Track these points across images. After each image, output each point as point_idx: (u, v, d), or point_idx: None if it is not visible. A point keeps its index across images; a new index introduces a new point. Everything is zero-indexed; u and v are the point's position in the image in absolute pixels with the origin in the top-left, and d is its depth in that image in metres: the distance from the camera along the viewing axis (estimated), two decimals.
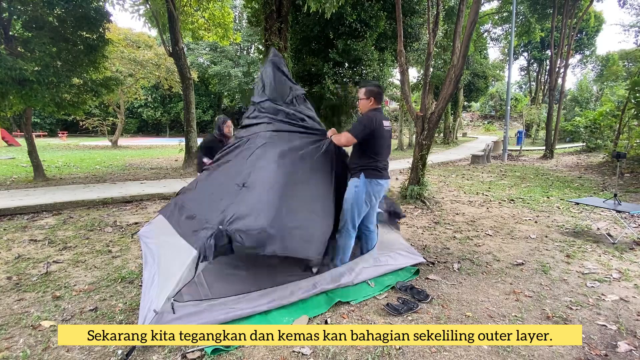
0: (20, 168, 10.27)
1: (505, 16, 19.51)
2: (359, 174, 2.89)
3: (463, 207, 6.16)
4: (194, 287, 2.36)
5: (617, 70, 23.60)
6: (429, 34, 6.93)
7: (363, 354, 2.10)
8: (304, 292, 2.70)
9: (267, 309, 2.51)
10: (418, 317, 2.54)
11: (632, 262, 3.64)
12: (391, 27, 11.00)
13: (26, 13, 7.05)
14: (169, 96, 30.95)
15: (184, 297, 2.29)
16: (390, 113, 40.43)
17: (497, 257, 3.75)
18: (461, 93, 23.90)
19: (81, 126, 22.89)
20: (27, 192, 6.56)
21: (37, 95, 6.81)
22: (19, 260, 3.53)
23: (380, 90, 2.97)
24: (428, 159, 6.53)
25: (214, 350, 2.10)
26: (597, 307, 2.71)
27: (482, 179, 9.38)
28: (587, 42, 27.71)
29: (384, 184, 2.95)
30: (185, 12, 11.19)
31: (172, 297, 2.24)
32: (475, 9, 5.48)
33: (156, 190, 6.80)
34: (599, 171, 10.52)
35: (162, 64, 18.57)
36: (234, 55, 29.97)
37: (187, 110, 10.35)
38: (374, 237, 3.22)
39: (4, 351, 2.10)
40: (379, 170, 2.92)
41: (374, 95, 2.92)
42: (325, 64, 9.69)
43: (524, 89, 42.09)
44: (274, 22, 7.03)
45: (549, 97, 15.75)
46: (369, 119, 2.85)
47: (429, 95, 17.63)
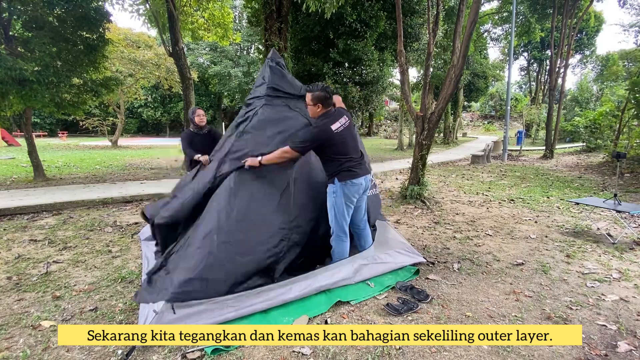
0: (20, 168, 10.27)
1: (505, 16, 19.51)
2: (333, 180, 2.85)
3: (463, 207, 6.16)
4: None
5: (617, 70, 23.60)
6: (429, 34, 6.93)
7: (363, 354, 2.10)
8: (303, 288, 2.69)
9: (267, 306, 2.51)
10: (418, 317, 2.54)
11: (632, 262, 3.64)
12: (391, 27, 11.00)
13: (26, 13, 7.04)
14: (169, 96, 30.96)
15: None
16: (390, 113, 40.54)
17: (497, 257, 3.75)
18: (461, 93, 23.90)
19: (81, 126, 22.90)
20: (27, 192, 6.56)
21: (37, 95, 6.81)
22: (19, 260, 3.53)
23: (326, 94, 2.78)
24: (428, 159, 6.53)
25: (214, 350, 2.10)
26: (597, 307, 2.71)
27: (482, 179, 9.38)
28: (587, 42, 27.73)
29: (360, 181, 2.87)
30: (185, 12, 11.18)
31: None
32: (475, 9, 5.48)
33: (156, 190, 6.80)
34: (599, 171, 10.52)
35: (162, 64, 18.57)
36: (234, 55, 29.97)
37: (187, 110, 10.36)
38: (367, 234, 3.21)
39: (4, 351, 2.10)
40: (352, 169, 2.84)
41: (320, 100, 2.77)
42: (325, 64, 9.70)
43: (524, 89, 42.11)
44: (274, 22, 7.03)
45: (549, 97, 15.75)
46: (318, 131, 2.74)
47: (429, 95, 17.65)
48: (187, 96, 10.29)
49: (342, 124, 2.83)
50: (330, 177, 2.89)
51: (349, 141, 2.87)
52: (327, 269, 2.89)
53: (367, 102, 11.01)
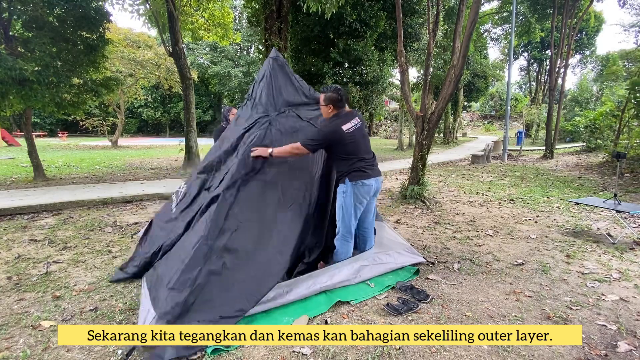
0: (20, 168, 10.27)
1: (505, 16, 19.51)
2: (344, 179, 2.85)
3: (463, 207, 6.16)
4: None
5: (617, 70, 23.59)
6: (429, 34, 6.93)
7: (363, 354, 2.10)
8: (304, 289, 2.69)
9: (268, 307, 2.51)
10: (418, 317, 2.54)
11: (632, 262, 3.64)
12: (391, 27, 10.99)
13: (26, 13, 7.04)
14: (169, 96, 30.96)
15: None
16: (390, 113, 40.51)
17: (497, 257, 3.75)
18: (461, 93, 23.90)
19: (81, 126, 22.89)
20: (27, 192, 6.56)
21: (37, 95, 6.80)
22: (19, 260, 3.53)
23: (339, 96, 2.82)
24: (428, 159, 6.53)
25: (214, 350, 2.10)
26: (597, 307, 2.71)
27: (482, 179, 9.38)
28: (587, 42, 27.74)
29: (371, 182, 2.88)
30: (184, 12, 11.18)
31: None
32: (475, 9, 5.48)
33: (156, 190, 6.80)
34: (599, 171, 10.52)
35: (162, 64, 18.57)
36: (234, 55, 30.00)
37: (187, 110, 10.35)
38: (371, 237, 3.22)
39: (4, 351, 2.10)
40: (364, 170, 2.85)
41: (332, 102, 2.81)
42: (325, 64, 9.69)
43: (524, 89, 42.11)
44: (274, 22, 7.03)
45: (549, 97, 15.75)
46: (329, 131, 2.77)
47: (429, 95, 17.62)
48: (187, 96, 10.29)
49: (353, 124, 2.84)
50: (341, 176, 2.90)
51: (360, 141, 2.88)
52: (328, 270, 2.89)
53: (367, 102, 11.01)
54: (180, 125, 32.52)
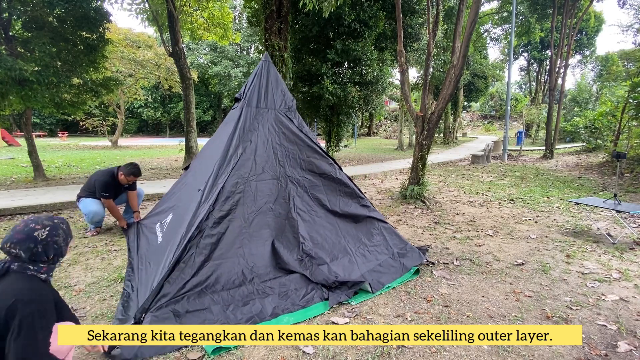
0: (20, 168, 10.27)
1: (505, 16, 19.54)
2: None
3: (463, 207, 6.16)
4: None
5: (618, 72, 23.59)
6: (429, 34, 6.93)
7: (363, 354, 2.10)
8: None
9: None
10: (418, 317, 2.54)
11: (632, 262, 3.64)
12: (391, 27, 10.97)
13: (26, 13, 7.04)
14: (169, 96, 30.96)
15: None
16: (390, 113, 40.52)
17: (497, 257, 3.75)
18: (461, 93, 23.90)
19: (81, 126, 22.90)
20: (27, 192, 6.55)
21: (37, 95, 6.80)
22: None
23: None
24: (428, 159, 6.53)
25: (214, 350, 2.10)
26: (597, 307, 2.71)
27: (482, 179, 9.38)
28: (587, 42, 27.71)
29: None
30: (184, 12, 11.18)
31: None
32: (475, 9, 5.48)
33: (156, 190, 6.79)
34: (599, 171, 10.52)
35: (162, 64, 18.56)
36: (234, 55, 29.97)
37: (187, 111, 10.35)
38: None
39: None
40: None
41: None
42: (324, 64, 9.65)
43: (524, 89, 42.11)
44: (274, 22, 7.01)
45: (549, 97, 15.75)
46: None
47: (429, 95, 17.65)
48: (187, 96, 10.29)
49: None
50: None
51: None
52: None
53: (366, 102, 10.97)
54: (180, 125, 32.52)
